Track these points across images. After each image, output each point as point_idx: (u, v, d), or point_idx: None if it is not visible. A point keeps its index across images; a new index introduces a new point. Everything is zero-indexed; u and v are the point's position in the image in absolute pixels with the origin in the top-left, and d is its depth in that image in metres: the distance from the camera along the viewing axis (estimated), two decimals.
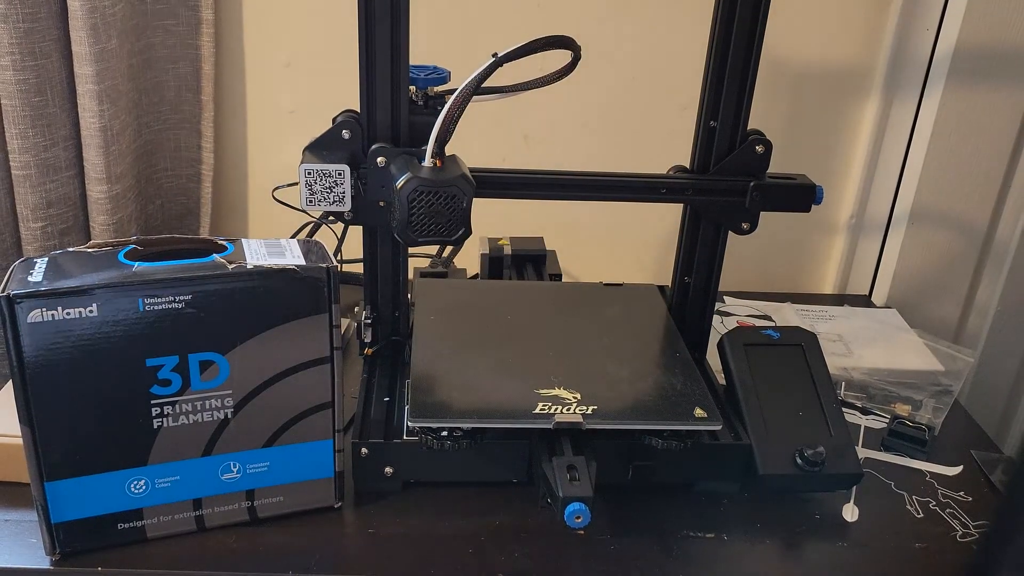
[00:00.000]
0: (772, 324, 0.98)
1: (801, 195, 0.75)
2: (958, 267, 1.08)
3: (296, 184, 0.68)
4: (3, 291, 0.54)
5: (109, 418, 0.59)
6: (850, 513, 0.71)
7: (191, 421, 0.61)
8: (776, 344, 0.77)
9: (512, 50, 0.63)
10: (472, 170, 0.67)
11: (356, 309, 0.96)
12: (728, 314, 1.01)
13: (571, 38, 0.65)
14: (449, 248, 1.04)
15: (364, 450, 0.68)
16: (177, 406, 0.60)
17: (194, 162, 1.07)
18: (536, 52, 0.64)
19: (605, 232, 1.15)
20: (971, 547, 0.68)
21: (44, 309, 0.55)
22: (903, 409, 0.85)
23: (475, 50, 0.65)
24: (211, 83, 1.03)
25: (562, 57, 0.66)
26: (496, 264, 0.95)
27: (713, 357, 0.80)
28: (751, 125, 0.75)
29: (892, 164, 1.08)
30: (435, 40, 0.90)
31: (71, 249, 0.60)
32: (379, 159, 0.67)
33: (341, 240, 0.98)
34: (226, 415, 0.61)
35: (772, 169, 0.75)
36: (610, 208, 1.11)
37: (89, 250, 0.60)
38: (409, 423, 0.65)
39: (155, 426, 0.60)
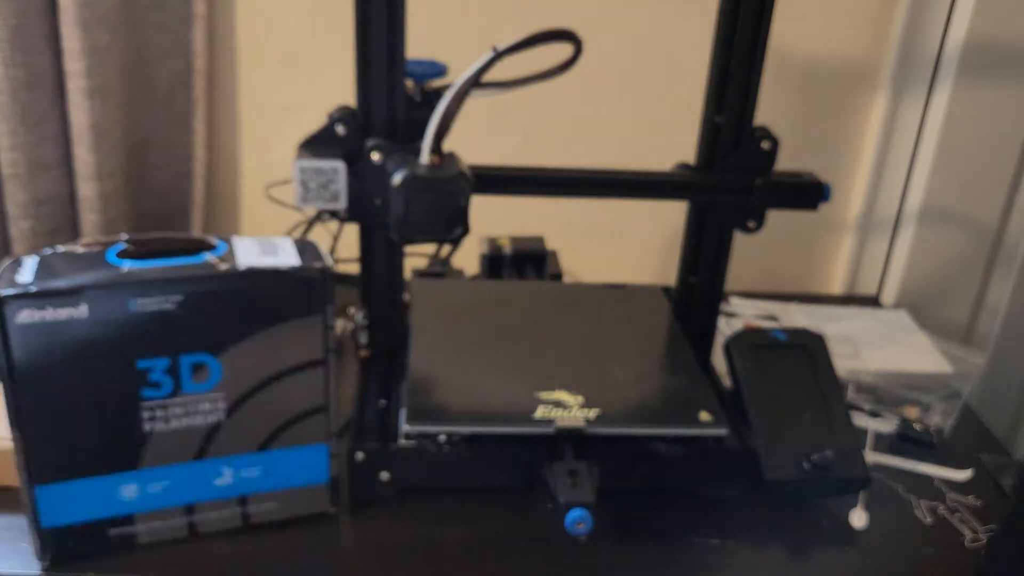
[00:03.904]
0: (779, 325, 0.98)
1: (808, 193, 0.74)
2: (968, 267, 1.08)
3: (290, 181, 0.67)
4: None
5: (99, 421, 0.58)
6: (857, 518, 0.70)
7: (183, 424, 0.60)
8: (783, 346, 0.76)
9: (512, 44, 0.62)
10: (470, 167, 0.66)
11: (352, 310, 0.95)
12: (734, 315, 1.01)
13: (572, 31, 0.64)
14: (447, 247, 1.03)
15: (359, 455, 0.67)
16: (168, 409, 0.59)
17: (186, 159, 1.06)
18: (536, 45, 0.63)
19: (607, 231, 1.14)
20: (980, 552, 0.67)
21: (33, 310, 0.54)
22: (912, 412, 0.84)
23: (474, 43, 0.64)
24: (204, 79, 1.02)
25: (563, 51, 0.65)
26: (496, 264, 0.95)
27: (718, 359, 0.80)
28: (757, 121, 0.74)
29: (900, 162, 1.07)
30: (433, 33, 0.89)
31: (61, 248, 0.60)
32: (375, 156, 0.67)
33: (336, 239, 0.97)
34: (218, 418, 0.61)
35: (778, 166, 0.75)
36: (612, 206, 1.10)
37: (79, 249, 0.60)
38: (406, 428, 0.64)
39: (146, 430, 0.59)
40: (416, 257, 1.00)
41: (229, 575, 0.61)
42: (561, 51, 0.65)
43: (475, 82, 0.62)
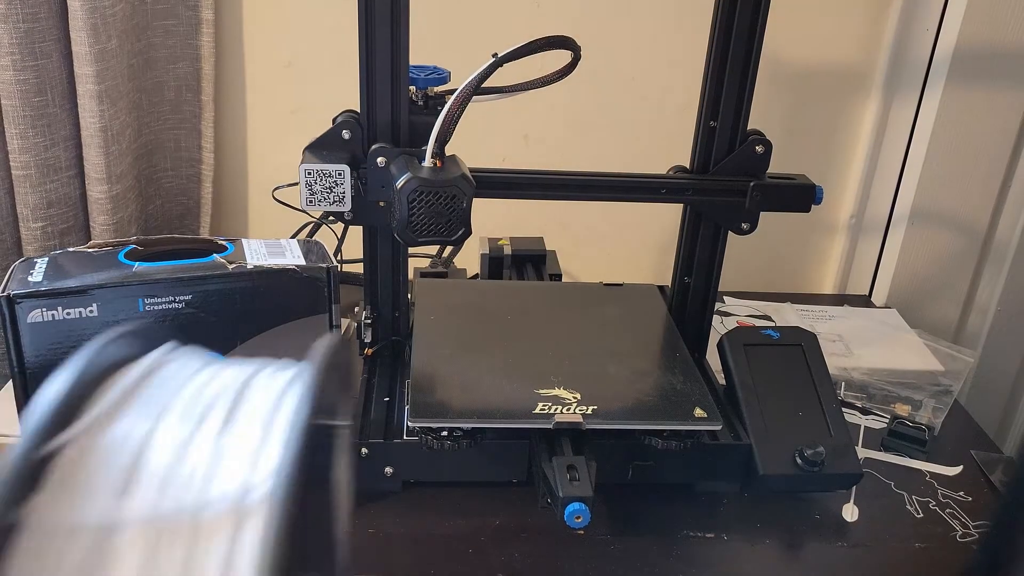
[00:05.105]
0: (772, 324, 0.98)
1: (801, 195, 0.75)
2: (958, 267, 1.08)
3: (296, 184, 0.68)
4: (3, 291, 0.54)
5: None
6: (850, 513, 0.71)
7: None
8: (776, 344, 0.77)
9: (512, 50, 0.64)
10: (472, 170, 0.67)
11: (356, 309, 0.96)
12: (728, 314, 1.02)
13: (571, 38, 0.65)
14: (449, 248, 1.04)
15: (364, 450, 0.68)
16: None
17: (194, 162, 1.07)
18: (536, 52, 0.64)
19: (605, 232, 1.15)
20: (971, 547, 0.68)
21: (44, 309, 0.55)
22: (903, 409, 0.85)
23: (475, 50, 0.65)
24: (211, 83, 1.03)
25: (562, 57, 0.66)
26: (496, 264, 0.96)
27: (713, 357, 0.80)
28: (751, 125, 0.75)
29: (892, 164, 1.08)
30: (435, 40, 0.90)
31: (71, 249, 0.60)
32: (379, 159, 0.67)
33: (341, 240, 0.98)
34: None
35: (772, 169, 0.75)
36: (610, 208, 1.11)
37: (89, 250, 0.60)
38: (409, 423, 0.65)
39: None
40: (419, 257, 1.01)
41: None
42: (560, 57, 0.66)
43: (476, 88, 0.63)
